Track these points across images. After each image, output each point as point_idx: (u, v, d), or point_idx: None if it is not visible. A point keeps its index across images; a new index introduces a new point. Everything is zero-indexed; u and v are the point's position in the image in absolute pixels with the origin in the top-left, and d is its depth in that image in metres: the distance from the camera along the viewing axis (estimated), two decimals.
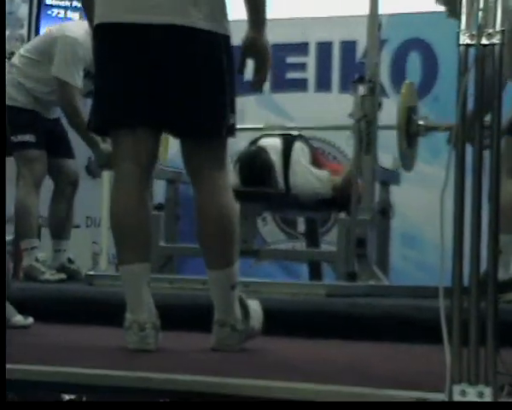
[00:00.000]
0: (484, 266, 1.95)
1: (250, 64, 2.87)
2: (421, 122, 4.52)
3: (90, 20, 2.95)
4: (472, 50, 1.96)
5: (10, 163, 4.94)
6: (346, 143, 4.65)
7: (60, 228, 4.81)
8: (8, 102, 4.58)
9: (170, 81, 2.77)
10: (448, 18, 3.97)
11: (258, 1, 2.83)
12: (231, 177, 3.43)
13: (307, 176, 4.89)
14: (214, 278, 2.85)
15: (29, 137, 4.64)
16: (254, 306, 2.95)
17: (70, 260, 4.81)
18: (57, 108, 4.78)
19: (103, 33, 2.84)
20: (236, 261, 2.86)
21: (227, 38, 2.84)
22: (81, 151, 5.18)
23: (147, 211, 2.86)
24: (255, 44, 2.85)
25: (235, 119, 2.88)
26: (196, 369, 2.39)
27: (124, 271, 2.83)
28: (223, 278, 2.83)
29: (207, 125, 2.82)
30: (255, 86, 2.91)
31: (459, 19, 1.97)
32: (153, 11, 2.75)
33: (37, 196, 4.69)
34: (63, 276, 4.70)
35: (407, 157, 4.56)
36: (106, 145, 4.46)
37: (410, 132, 4.48)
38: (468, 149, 1.96)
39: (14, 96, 4.65)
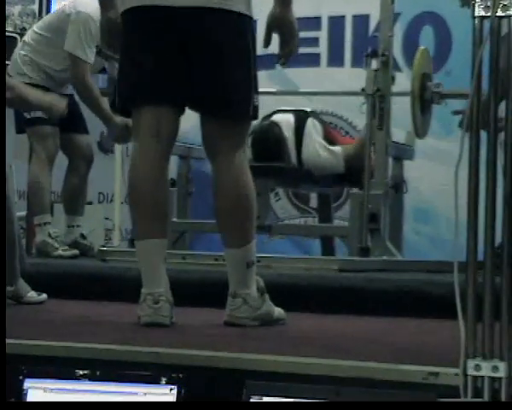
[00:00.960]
0: (498, 240, 1.94)
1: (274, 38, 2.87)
2: (436, 90, 4.45)
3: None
4: (487, 23, 1.94)
5: (23, 140, 4.95)
6: (358, 110, 4.59)
7: (73, 204, 4.82)
8: (20, 79, 4.58)
9: (196, 61, 2.79)
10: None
11: None
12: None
13: (320, 151, 4.87)
14: (230, 256, 2.87)
15: (41, 113, 4.64)
16: (279, 309, 2.97)
17: (83, 236, 4.82)
18: (69, 86, 4.78)
19: (131, 16, 2.86)
20: (253, 240, 2.87)
21: (251, 18, 2.85)
22: (93, 127, 5.18)
23: (165, 187, 2.88)
24: (282, 19, 2.85)
25: (259, 100, 2.88)
26: (209, 344, 2.39)
27: (140, 245, 2.84)
28: (239, 256, 2.84)
29: (235, 106, 2.83)
30: (281, 61, 2.92)
31: None
32: None
33: (49, 172, 4.70)
34: (76, 252, 4.71)
35: (421, 124, 4.49)
36: (120, 119, 4.45)
37: (424, 99, 4.41)
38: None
39: (26, 73, 4.64)
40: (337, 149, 4.90)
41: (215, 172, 2.87)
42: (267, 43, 2.86)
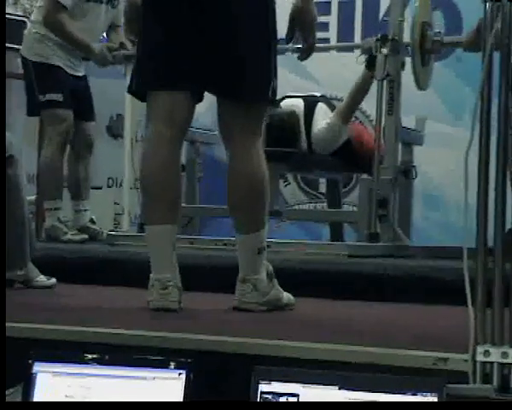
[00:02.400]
0: (508, 225, 1.93)
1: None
2: (436, 38, 4.37)
3: None
4: (498, 7, 1.92)
5: (32, 123, 4.94)
6: (356, 62, 4.52)
7: (78, 188, 4.82)
8: (35, 59, 4.57)
9: (214, 42, 2.76)
10: None
11: None
12: None
13: (328, 131, 4.83)
14: (241, 241, 2.86)
15: (57, 96, 4.63)
16: (288, 294, 2.97)
17: (92, 221, 4.83)
18: (82, 63, 4.76)
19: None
20: (265, 226, 2.86)
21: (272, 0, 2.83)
22: (103, 111, 5.18)
23: (177, 174, 2.85)
24: (304, 13, 2.85)
25: (277, 84, 2.85)
26: (217, 329, 2.39)
27: (150, 231, 2.82)
28: (250, 242, 2.84)
29: (254, 88, 2.80)
30: (303, 55, 2.94)
31: None
32: None
33: (62, 157, 4.69)
34: (85, 236, 4.71)
35: (422, 75, 4.42)
36: (99, 45, 4.57)
37: (424, 49, 4.34)
38: (493, 108, 1.93)
39: (39, 52, 4.63)
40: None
41: (230, 157, 2.85)
42: (290, 38, 2.88)
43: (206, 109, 4.02)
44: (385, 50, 4.35)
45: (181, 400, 1.94)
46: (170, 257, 2.79)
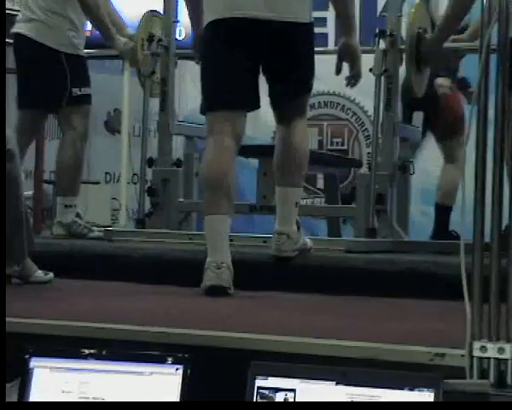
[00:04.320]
0: (505, 221, 1.93)
1: None
2: None
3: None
4: (496, 1, 1.92)
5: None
6: None
7: (72, 183, 4.74)
8: (67, 50, 4.47)
9: (274, 67, 3.42)
10: None
11: (349, 13, 3.54)
12: None
13: None
14: (284, 194, 3.47)
15: (89, 90, 4.58)
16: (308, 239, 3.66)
17: (78, 216, 4.72)
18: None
19: (212, 28, 3.39)
20: (301, 187, 3.57)
21: (312, 24, 3.46)
22: (100, 106, 5.18)
23: (234, 175, 3.37)
24: (349, 48, 3.55)
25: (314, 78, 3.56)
26: (215, 324, 2.39)
27: (209, 220, 3.29)
28: (292, 194, 3.46)
29: (303, 87, 3.51)
30: (351, 82, 3.63)
31: None
32: (265, 8, 3.31)
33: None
34: (100, 234, 4.61)
35: (417, 82, 4.41)
36: (124, 39, 4.55)
37: (420, 55, 4.31)
38: (491, 103, 1.93)
39: (73, 42, 4.52)
40: None
41: (283, 132, 3.49)
42: (339, 70, 3.61)
43: None
44: (383, 45, 4.35)
45: (178, 395, 1.94)
46: (224, 243, 3.23)
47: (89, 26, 4.82)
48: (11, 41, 4.60)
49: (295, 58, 3.42)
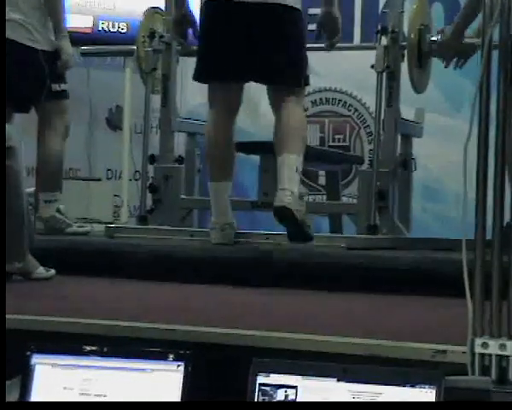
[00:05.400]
0: (507, 218, 1.93)
1: None
2: (434, 38, 4.33)
3: None
4: None
5: (32, 114, 4.90)
6: None
7: (56, 178, 4.74)
8: (45, 47, 4.48)
9: (262, 44, 3.64)
10: None
11: None
12: None
13: None
14: (286, 159, 3.62)
15: (66, 86, 4.58)
16: None
17: (59, 211, 4.72)
18: None
19: (209, 7, 3.73)
20: (301, 155, 3.67)
21: (300, 11, 3.71)
22: (102, 103, 5.17)
23: (232, 143, 3.79)
24: (329, 17, 3.76)
25: (309, 71, 3.81)
26: (216, 321, 2.39)
27: (212, 186, 3.79)
28: (293, 159, 3.61)
29: (291, 76, 3.70)
30: (328, 48, 3.89)
31: None
32: None
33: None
34: (89, 229, 4.66)
35: (419, 79, 4.39)
36: (68, 44, 4.49)
37: (422, 51, 4.31)
38: (492, 100, 1.93)
39: (49, 40, 4.51)
40: None
41: (279, 113, 3.70)
42: (317, 37, 3.82)
43: (206, 101, 4.02)
44: (384, 42, 4.34)
45: (179, 392, 1.95)
46: (227, 205, 3.76)
47: (88, 24, 4.81)
48: None
49: (282, 39, 3.64)
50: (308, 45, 3.87)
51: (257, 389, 1.90)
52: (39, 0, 4.50)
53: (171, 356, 1.98)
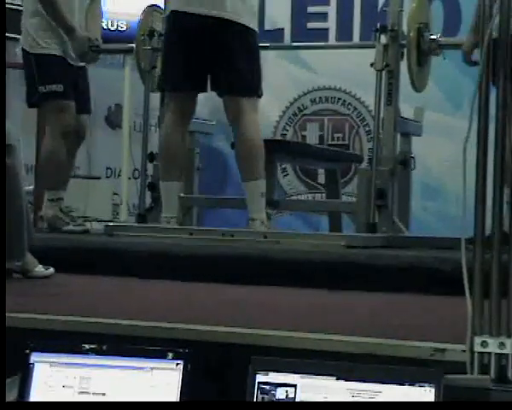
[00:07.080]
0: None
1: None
2: (433, 37, 4.35)
3: None
4: None
5: (30, 114, 4.92)
6: None
7: (61, 178, 4.77)
8: (35, 50, 4.53)
9: (215, 56, 3.99)
10: None
11: None
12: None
13: None
14: (250, 187, 4.04)
15: (57, 87, 4.60)
16: None
17: (61, 210, 4.74)
18: None
19: (169, 19, 4.17)
20: (264, 173, 4.05)
21: (254, 30, 4.09)
22: (101, 101, 5.17)
23: (184, 146, 4.24)
24: None
25: (262, 88, 4.14)
26: (215, 319, 2.39)
27: (163, 185, 4.26)
28: (257, 188, 4.02)
29: (243, 86, 4.04)
30: None
31: None
32: (206, 5, 3.99)
33: (64, 148, 4.66)
34: (86, 227, 4.68)
35: (418, 77, 4.39)
36: (82, 34, 4.57)
37: (421, 50, 4.32)
38: (492, 99, 1.93)
39: (39, 43, 4.59)
40: None
41: (238, 128, 4.07)
42: None
43: (206, 100, 4.03)
44: (384, 40, 4.34)
45: (178, 390, 1.94)
46: (175, 202, 4.25)
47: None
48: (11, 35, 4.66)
49: (228, 55, 3.97)
50: (308, 44, 3.87)
51: (256, 388, 1.90)
52: (37, 8, 4.58)
53: (170, 355, 1.98)
